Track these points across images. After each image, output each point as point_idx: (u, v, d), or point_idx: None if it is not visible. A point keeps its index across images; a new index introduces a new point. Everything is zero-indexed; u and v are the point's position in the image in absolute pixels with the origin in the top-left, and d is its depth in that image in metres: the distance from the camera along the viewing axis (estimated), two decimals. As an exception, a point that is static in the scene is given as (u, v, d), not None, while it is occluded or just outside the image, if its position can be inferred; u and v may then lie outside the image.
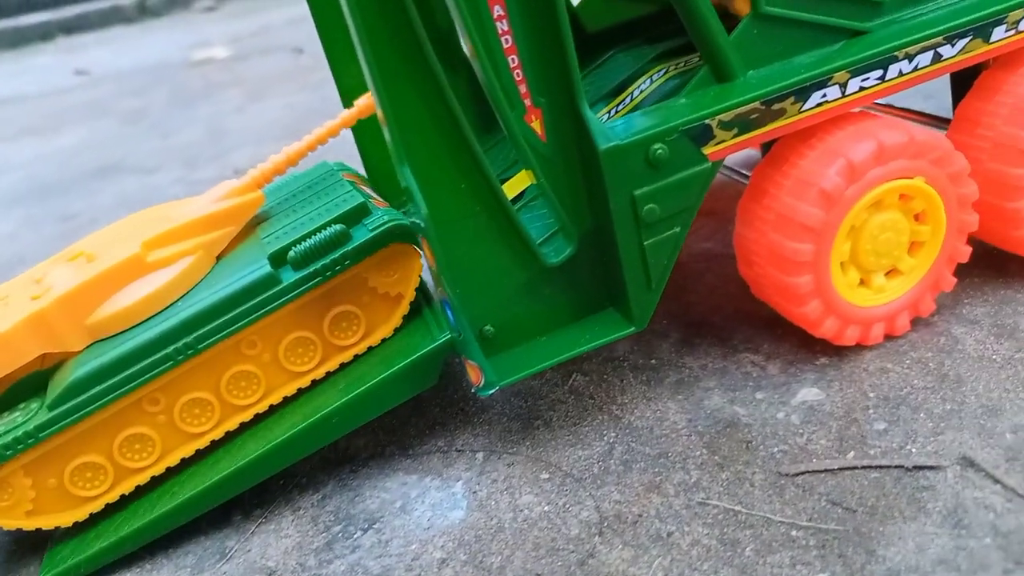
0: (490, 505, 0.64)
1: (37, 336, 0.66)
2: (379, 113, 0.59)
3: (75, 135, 2.21)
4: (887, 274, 0.72)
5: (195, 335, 0.66)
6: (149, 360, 0.66)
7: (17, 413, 0.67)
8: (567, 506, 0.62)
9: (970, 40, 0.69)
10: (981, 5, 0.69)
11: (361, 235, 0.70)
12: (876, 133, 0.67)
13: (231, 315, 0.67)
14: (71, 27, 4.37)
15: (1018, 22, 0.70)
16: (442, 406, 0.76)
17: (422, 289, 0.75)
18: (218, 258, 0.74)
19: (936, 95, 0.93)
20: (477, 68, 0.59)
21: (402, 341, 0.73)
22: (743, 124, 0.64)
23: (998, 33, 0.69)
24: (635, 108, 0.80)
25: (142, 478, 0.69)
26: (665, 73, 0.83)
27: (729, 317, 0.80)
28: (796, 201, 0.67)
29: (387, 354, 0.72)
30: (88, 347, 0.68)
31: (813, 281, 0.68)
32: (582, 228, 0.66)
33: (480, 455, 0.69)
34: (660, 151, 0.62)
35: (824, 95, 0.66)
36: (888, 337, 0.73)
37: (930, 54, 0.68)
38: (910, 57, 0.67)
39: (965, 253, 0.73)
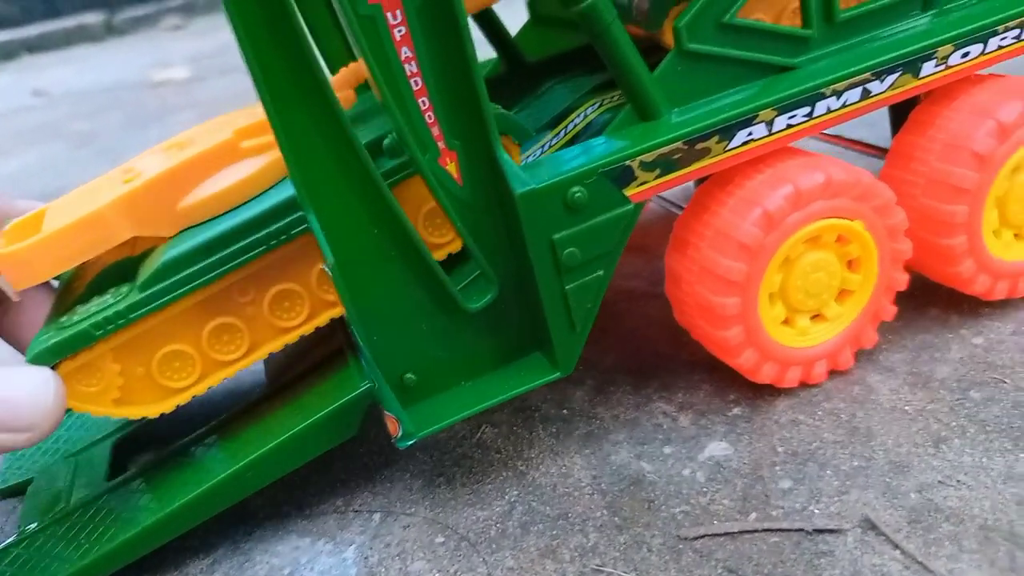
0: (380, 572, 0.60)
1: (129, 217, 0.63)
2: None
3: (24, 159, 2.16)
4: (812, 318, 0.69)
5: (287, 220, 0.63)
6: (241, 244, 0.63)
7: (107, 295, 0.64)
8: (459, 573, 0.58)
9: (899, 76, 0.66)
10: (909, 41, 0.66)
11: None
12: (793, 177, 0.64)
13: None
14: (35, 46, 4.30)
15: (947, 57, 0.67)
16: (345, 460, 0.73)
17: (348, 334, 0.72)
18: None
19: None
20: (386, 111, 0.56)
21: (322, 389, 0.69)
22: (666, 164, 0.62)
23: (927, 68, 0.67)
24: (570, 142, 0.77)
25: (229, 372, 0.67)
26: (599, 106, 0.81)
27: (647, 362, 0.78)
28: (717, 255, 0.64)
29: (306, 402, 0.69)
30: (179, 233, 0.66)
31: (740, 304, 0.65)
32: (503, 272, 0.64)
33: (377, 516, 0.65)
34: (579, 194, 0.59)
35: (750, 133, 0.63)
36: (803, 384, 0.70)
37: (859, 90, 0.65)
38: (838, 93, 0.65)
39: (890, 312, 0.70)
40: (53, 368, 0.61)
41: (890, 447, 0.62)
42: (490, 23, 0.89)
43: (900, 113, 0.82)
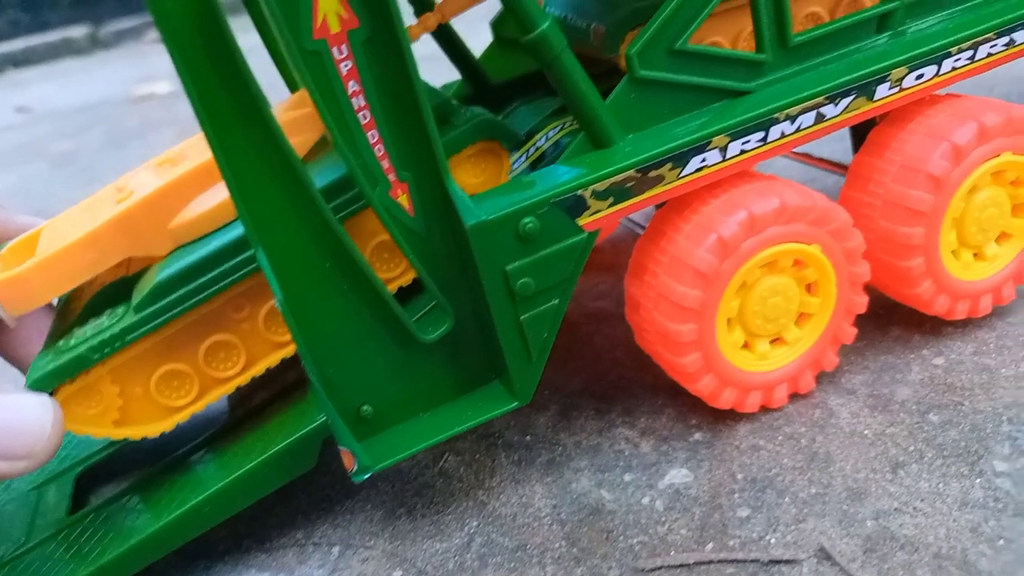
0: (338, 608, 0.59)
1: (122, 238, 0.64)
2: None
3: (4, 180, 2.15)
4: (772, 342, 0.69)
5: None
6: (234, 261, 0.64)
7: (103, 318, 0.65)
8: (416, 608, 0.58)
9: (854, 99, 0.66)
10: (863, 64, 0.66)
11: (447, 132, 0.68)
12: (748, 203, 0.63)
13: None
14: (20, 60, 4.30)
15: (901, 80, 0.67)
16: (308, 492, 0.72)
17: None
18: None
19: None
20: (335, 146, 0.56)
21: (282, 420, 0.69)
22: (619, 193, 0.61)
23: (882, 91, 0.67)
24: (533, 164, 0.78)
25: (228, 388, 0.68)
26: (560, 129, 0.81)
27: (612, 385, 0.77)
28: (673, 281, 0.64)
29: (265, 434, 0.68)
30: (173, 252, 0.66)
31: (696, 331, 0.65)
32: (459, 302, 0.64)
33: (336, 549, 0.65)
34: (530, 225, 0.59)
35: (704, 160, 0.63)
36: (765, 408, 0.70)
37: (812, 114, 0.65)
38: (791, 118, 0.65)
39: (850, 335, 0.70)
40: (52, 393, 0.61)
41: (848, 473, 0.62)
42: (454, 46, 0.88)
43: (861, 132, 0.82)
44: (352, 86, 0.55)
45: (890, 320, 0.77)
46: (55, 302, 0.74)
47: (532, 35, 0.59)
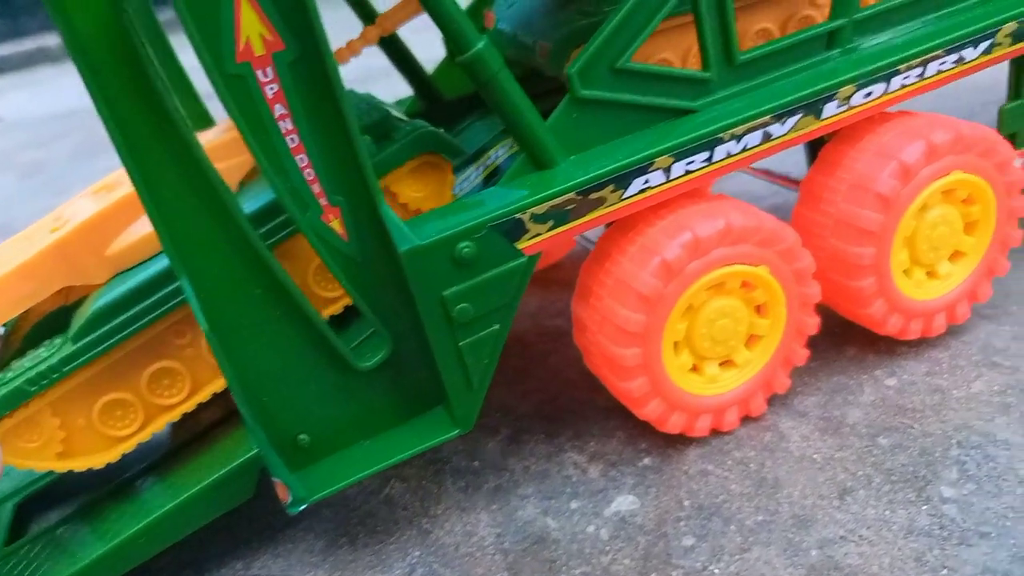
0: (273, 643, 0.58)
1: (59, 267, 0.63)
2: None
3: (-28, 191, 2.12)
4: (721, 364, 0.67)
5: None
6: (173, 287, 0.63)
7: (42, 349, 0.63)
8: (352, 644, 0.56)
9: (801, 117, 0.65)
10: (810, 82, 0.65)
11: (388, 146, 0.67)
12: (692, 224, 0.62)
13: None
14: (-6, 68, 4.25)
15: (850, 97, 0.66)
16: (252, 520, 0.71)
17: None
18: (241, 184, 0.70)
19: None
20: (261, 171, 0.55)
21: (220, 448, 0.67)
22: (559, 216, 0.60)
23: (829, 109, 0.66)
24: (485, 180, 0.78)
25: (173, 415, 0.67)
26: (511, 147, 0.79)
27: (564, 407, 0.76)
28: (617, 305, 0.62)
29: (205, 461, 0.67)
30: (112, 279, 0.65)
31: (641, 355, 0.64)
32: (399, 327, 0.62)
33: (273, 583, 0.63)
34: (467, 249, 0.58)
35: (647, 181, 0.62)
36: (715, 432, 0.68)
37: (759, 133, 0.64)
38: (737, 137, 0.63)
39: (802, 356, 0.69)
40: None
41: (796, 499, 0.61)
42: (405, 61, 0.87)
43: (815, 148, 0.81)
44: (279, 109, 0.54)
45: (846, 339, 0.76)
46: None
47: (467, 55, 0.57)
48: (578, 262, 0.99)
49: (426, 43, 0.97)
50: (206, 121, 0.81)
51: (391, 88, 1.06)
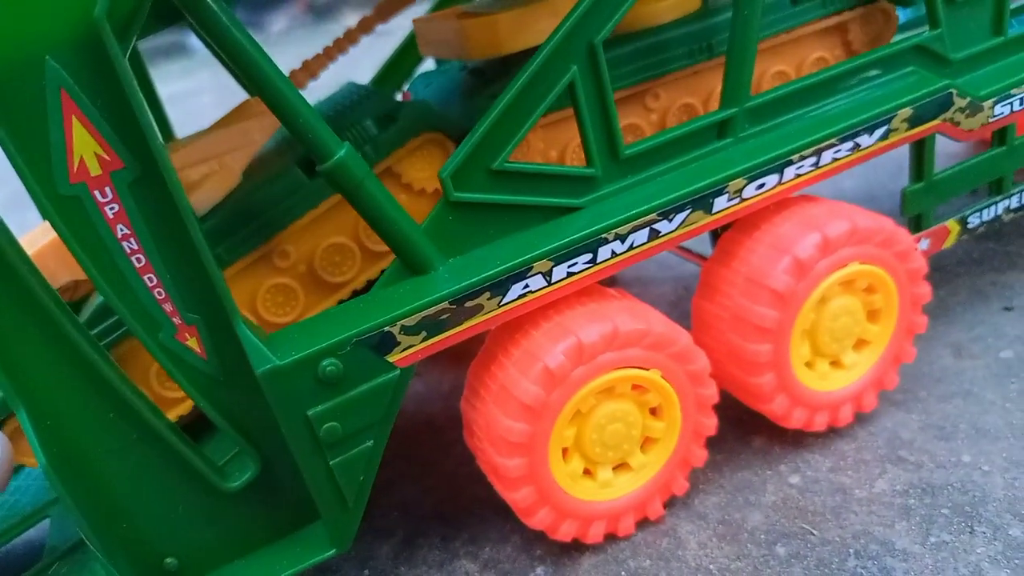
0: None
1: (64, 262, 0.61)
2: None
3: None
4: (616, 468, 0.65)
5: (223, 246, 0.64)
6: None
7: None
8: None
9: (690, 213, 0.63)
10: (698, 176, 0.63)
11: (390, 127, 0.67)
12: (577, 328, 0.60)
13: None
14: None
15: (741, 190, 0.63)
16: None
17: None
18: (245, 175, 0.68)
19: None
20: (102, 295, 0.52)
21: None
22: (432, 327, 0.57)
23: (720, 203, 0.64)
24: None
25: (182, 409, 0.66)
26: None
27: (464, 507, 0.73)
28: (500, 413, 0.60)
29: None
30: None
31: (526, 465, 0.61)
32: (266, 445, 0.59)
33: None
34: (332, 368, 0.55)
35: (526, 286, 0.59)
36: (611, 536, 0.66)
37: (645, 231, 0.61)
38: (622, 237, 0.61)
39: (700, 458, 0.66)
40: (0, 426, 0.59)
41: (686, 618, 0.58)
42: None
43: (717, 232, 0.79)
44: (121, 229, 0.51)
45: (753, 428, 0.74)
46: None
47: (329, 164, 0.55)
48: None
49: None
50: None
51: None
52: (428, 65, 0.96)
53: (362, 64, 1.03)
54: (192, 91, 3.09)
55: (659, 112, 0.72)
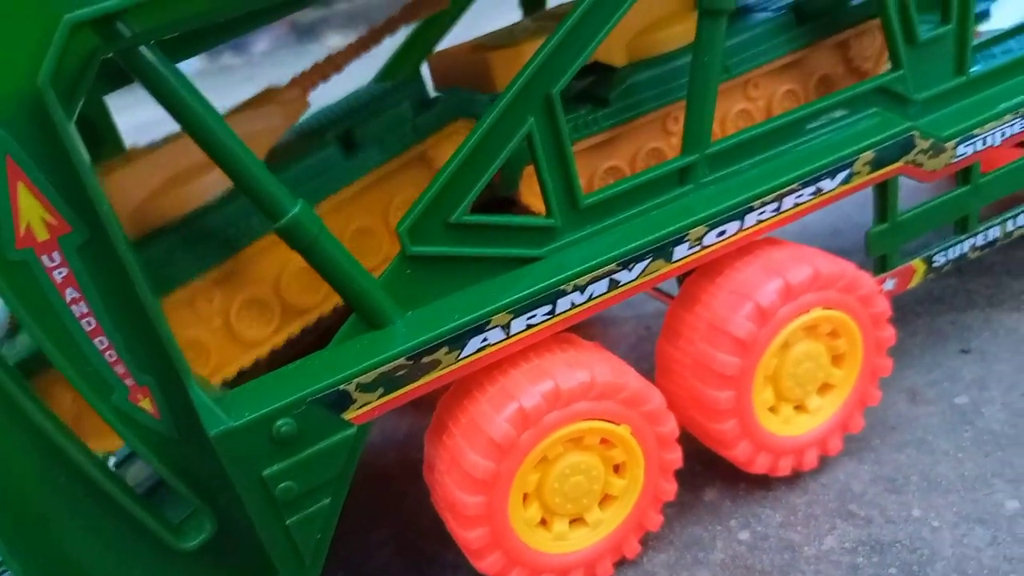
0: None
1: None
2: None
3: None
4: (571, 523, 0.64)
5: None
6: None
7: None
8: None
9: (650, 262, 0.62)
10: (657, 225, 0.63)
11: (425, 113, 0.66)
12: (556, 373, 0.61)
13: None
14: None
15: (701, 238, 0.63)
16: None
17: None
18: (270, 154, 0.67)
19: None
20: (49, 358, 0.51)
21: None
22: (389, 383, 0.57)
23: (680, 251, 0.64)
24: None
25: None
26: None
27: (410, 565, 0.72)
28: (467, 447, 0.60)
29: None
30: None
31: (486, 504, 0.60)
32: (223, 503, 0.58)
33: None
34: (286, 427, 0.55)
35: (484, 340, 0.59)
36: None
37: (605, 282, 0.61)
38: (581, 288, 0.60)
39: (656, 522, 0.66)
40: None
41: None
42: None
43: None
44: (71, 293, 0.50)
45: (706, 479, 0.73)
46: None
47: (283, 221, 0.54)
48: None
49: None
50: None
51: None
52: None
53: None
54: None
55: (678, 135, 0.72)
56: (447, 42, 0.85)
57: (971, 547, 0.61)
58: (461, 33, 0.84)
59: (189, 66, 0.67)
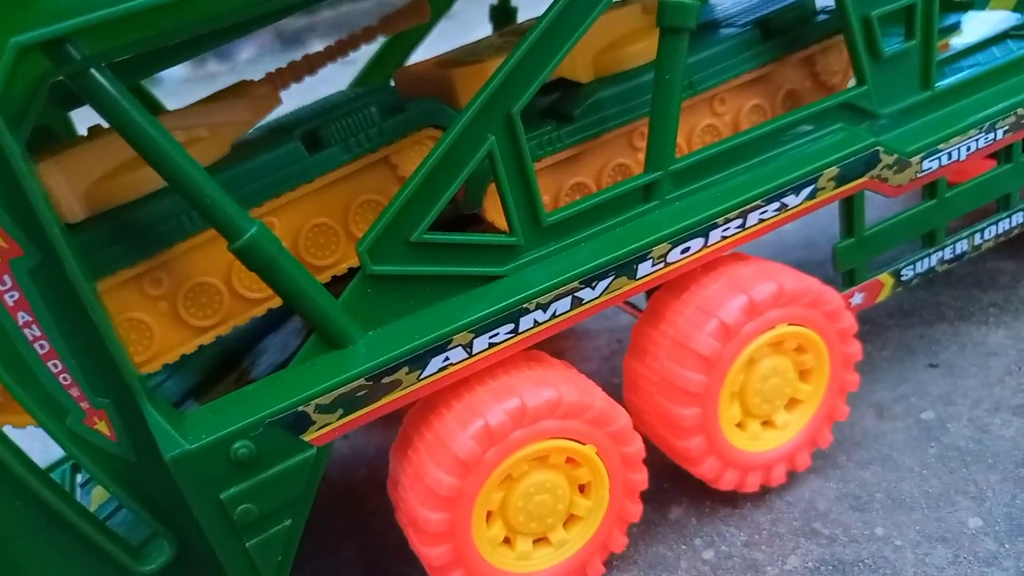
0: None
1: None
2: None
3: None
4: (535, 542, 0.64)
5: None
6: None
7: None
8: None
9: (613, 280, 0.62)
10: (621, 242, 0.63)
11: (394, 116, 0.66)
12: (522, 391, 0.61)
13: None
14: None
15: (665, 255, 0.63)
16: None
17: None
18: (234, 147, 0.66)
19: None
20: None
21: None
22: (349, 404, 0.57)
23: (644, 269, 0.64)
24: None
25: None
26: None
27: None
28: (431, 463, 0.60)
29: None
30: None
31: (449, 521, 0.60)
32: (183, 526, 0.58)
33: None
34: (244, 450, 0.54)
35: (446, 359, 0.59)
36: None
37: (568, 300, 0.61)
38: (543, 307, 0.60)
39: (620, 543, 0.66)
40: None
41: None
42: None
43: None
44: (22, 316, 0.50)
45: (672, 497, 0.73)
46: None
47: (240, 242, 0.54)
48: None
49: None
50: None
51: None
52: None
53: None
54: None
55: (644, 151, 0.72)
56: (423, 50, 0.85)
57: (932, 566, 0.61)
58: (442, 43, 0.84)
59: (173, 73, 0.67)
